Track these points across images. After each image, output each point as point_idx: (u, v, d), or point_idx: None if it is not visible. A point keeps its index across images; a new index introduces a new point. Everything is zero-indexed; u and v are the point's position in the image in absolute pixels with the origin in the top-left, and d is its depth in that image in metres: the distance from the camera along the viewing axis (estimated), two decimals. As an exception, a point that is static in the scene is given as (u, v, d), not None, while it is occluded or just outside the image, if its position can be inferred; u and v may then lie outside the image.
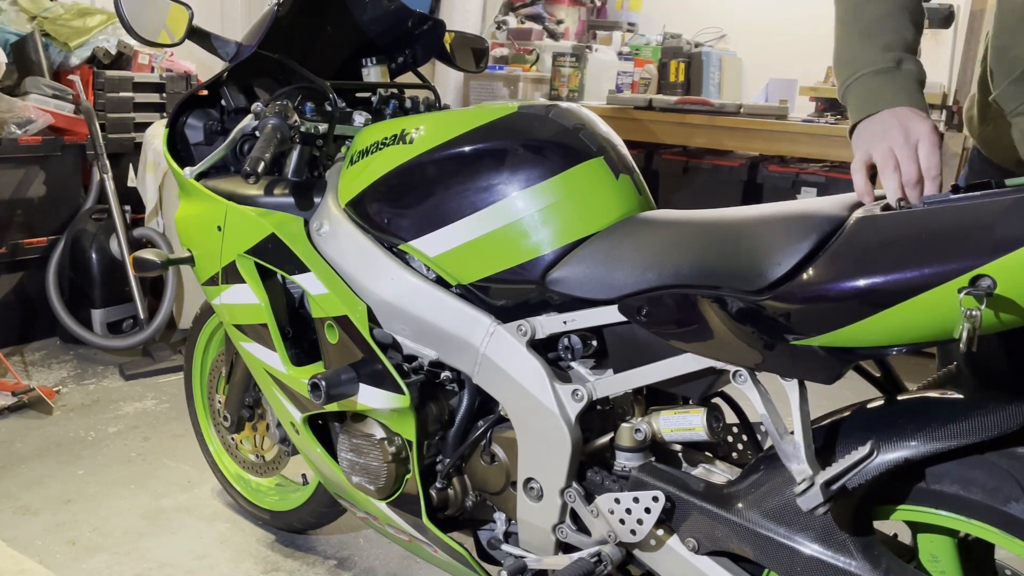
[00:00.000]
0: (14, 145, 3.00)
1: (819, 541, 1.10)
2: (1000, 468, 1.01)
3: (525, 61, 4.49)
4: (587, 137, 1.40)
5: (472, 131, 1.41)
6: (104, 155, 3.16)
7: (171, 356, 3.14)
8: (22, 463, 2.38)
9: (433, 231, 1.43)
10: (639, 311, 1.23)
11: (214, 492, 2.26)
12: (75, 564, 1.94)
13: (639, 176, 1.43)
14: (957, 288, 0.91)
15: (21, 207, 3.11)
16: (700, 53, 4.66)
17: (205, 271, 1.77)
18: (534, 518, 1.37)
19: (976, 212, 0.93)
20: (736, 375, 1.17)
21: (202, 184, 1.76)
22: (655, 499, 1.21)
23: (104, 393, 2.89)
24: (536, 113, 1.42)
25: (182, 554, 1.99)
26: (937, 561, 1.11)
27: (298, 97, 1.71)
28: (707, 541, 1.21)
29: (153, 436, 2.58)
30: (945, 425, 1.02)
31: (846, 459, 1.04)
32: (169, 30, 1.65)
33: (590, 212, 1.35)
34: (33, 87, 3.13)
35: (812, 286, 1.02)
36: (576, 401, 1.31)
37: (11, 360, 3.06)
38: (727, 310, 1.11)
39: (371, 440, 1.51)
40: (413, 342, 1.47)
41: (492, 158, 1.38)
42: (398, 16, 1.86)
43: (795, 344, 1.06)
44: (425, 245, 1.44)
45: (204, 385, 2.19)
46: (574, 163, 1.36)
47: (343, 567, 1.98)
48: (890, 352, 1.03)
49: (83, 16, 3.28)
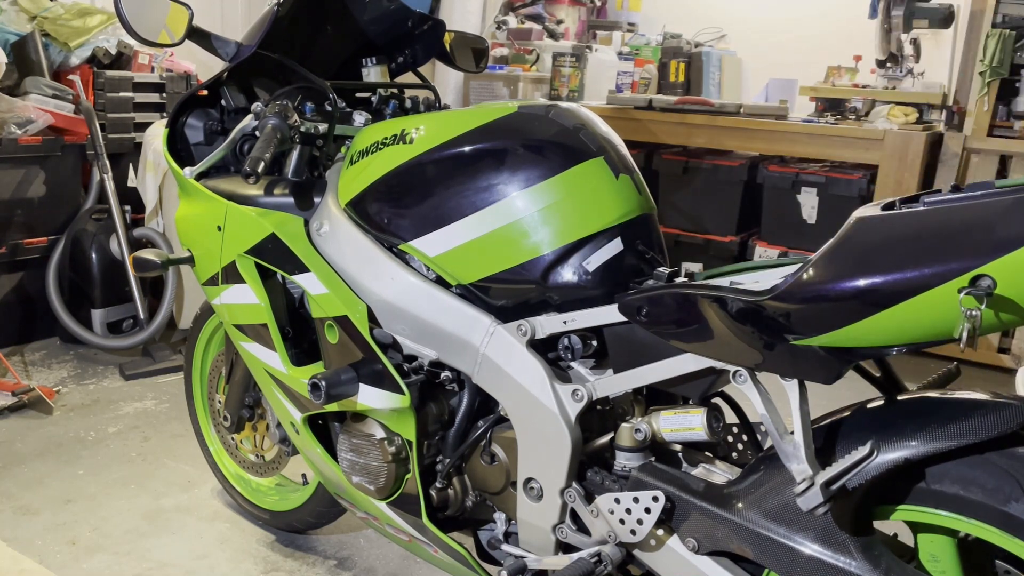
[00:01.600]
0: (14, 145, 3.00)
1: (819, 541, 1.10)
2: (1000, 468, 1.01)
3: (525, 61, 4.49)
4: (587, 137, 1.40)
5: (472, 131, 1.41)
6: (104, 155, 3.16)
7: (171, 356, 3.14)
8: (22, 463, 2.38)
9: (433, 231, 1.43)
10: (639, 311, 1.23)
11: (214, 492, 2.26)
12: (75, 564, 1.94)
13: (639, 176, 1.43)
14: (957, 288, 0.91)
15: (21, 207, 3.11)
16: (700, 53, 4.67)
17: (205, 271, 1.77)
18: (534, 518, 1.37)
19: (976, 212, 0.93)
20: (736, 375, 1.17)
21: (202, 184, 1.75)
22: (655, 499, 1.21)
23: (104, 393, 2.89)
24: (536, 113, 1.42)
25: (182, 554, 1.99)
26: (937, 561, 1.11)
27: (298, 97, 1.71)
28: (707, 541, 1.21)
29: (153, 436, 2.58)
30: (945, 425, 1.02)
31: (846, 459, 1.04)
32: (169, 30, 1.65)
33: (590, 212, 1.35)
34: (33, 87, 3.13)
35: (812, 286, 1.02)
36: (576, 401, 1.31)
37: (11, 360, 3.06)
38: (727, 310, 1.11)
39: (371, 440, 1.51)
40: (413, 342, 1.47)
41: (492, 158, 1.38)
42: (398, 16, 1.86)
43: (795, 344, 1.06)
44: (425, 245, 1.44)
45: (204, 385, 2.19)
46: (574, 163, 1.37)
47: (343, 567, 1.98)
48: (890, 352, 1.02)
49: (83, 16, 3.28)
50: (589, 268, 1.34)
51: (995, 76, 3.36)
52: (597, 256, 1.35)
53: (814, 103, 3.93)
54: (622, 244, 1.36)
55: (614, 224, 1.36)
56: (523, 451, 1.36)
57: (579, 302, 1.34)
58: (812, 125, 3.58)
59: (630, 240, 1.37)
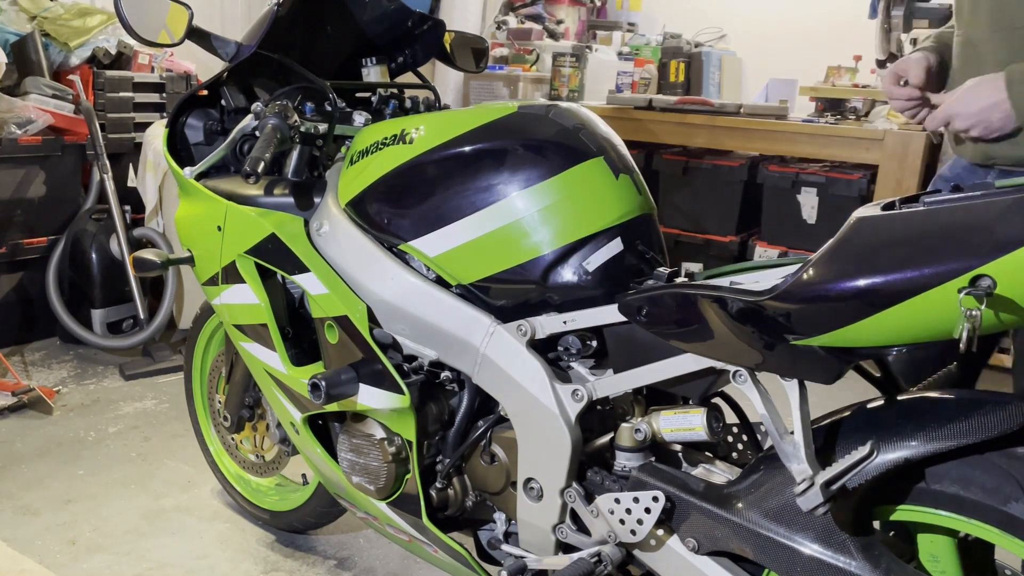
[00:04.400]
0: (14, 145, 3.00)
1: (819, 541, 1.10)
2: (1000, 468, 1.01)
3: (525, 61, 4.49)
4: (587, 137, 1.40)
5: (472, 131, 1.41)
6: (104, 155, 3.16)
7: (171, 356, 3.14)
8: (22, 463, 2.38)
9: (433, 231, 1.43)
10: (639, 311, 1.23)
11: (214, 492, 2.26)
12: (75, 564, 1.94)
13: (639, 176, 1.43)
14: (957, 288, 0.91)
15: (21, 207, 3.11)
16: (700, 53, 4.66)
17: (205, 271, 1.77)
18: (534, 518, 1.37)
19: (976, 212, 0.93)
20: (736, 375, 1.17)
21: (202, 184, 1.75)
22: (655, 499, 1.21)
23: (104, 393, 2.89)
24: (536, 113, 1.42)
25: (182, 554, 1.99)
26: (937, 561, 1.11)
27: (298, 97, 1.71)
28: (707, 541, 1.21)
29: (153, 436, 2.58)
30: (945, 425, 1.02)
31: (846, 459, 1.04)
32: (169, 30, 1.65)
33: (590, 212, 1.35)
34: (33, 87, 3.13)
35: (812, 286, 1.02)
36: (576, 401, 1.31)
37: (11, 360, 3.06)
38: (727, 310, 1.11)
39: (371, 440, 1.51)
40: (413, 342, 1.47)
41: (492, 158, 1.38)
42: (398, 16, 1.86)
43: (795, 344, 1.06)
44: (425, 245, 1.44)
45: (204, 385, 2.19)
46: (574, 163, 1.36)
47: (343, 567, 1.98)
48: (890, 352, 1.02)
49: (83, 16, 3.28)
50: (589, 268, 1.34)
51: (995, 76, 3.35)
52: (597, 256, 1.35)
53: (814, 103, 3.93)
54: (622, 244, 1.36)
55: (614, 224, 1.36)
56: (523, 451, 1.36)
57: (579, 302, 1.34)
58: (812, 125, 3.58)
59: (630, 240, 1.37)
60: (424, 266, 1.47)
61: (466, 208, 1.39)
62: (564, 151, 1.37)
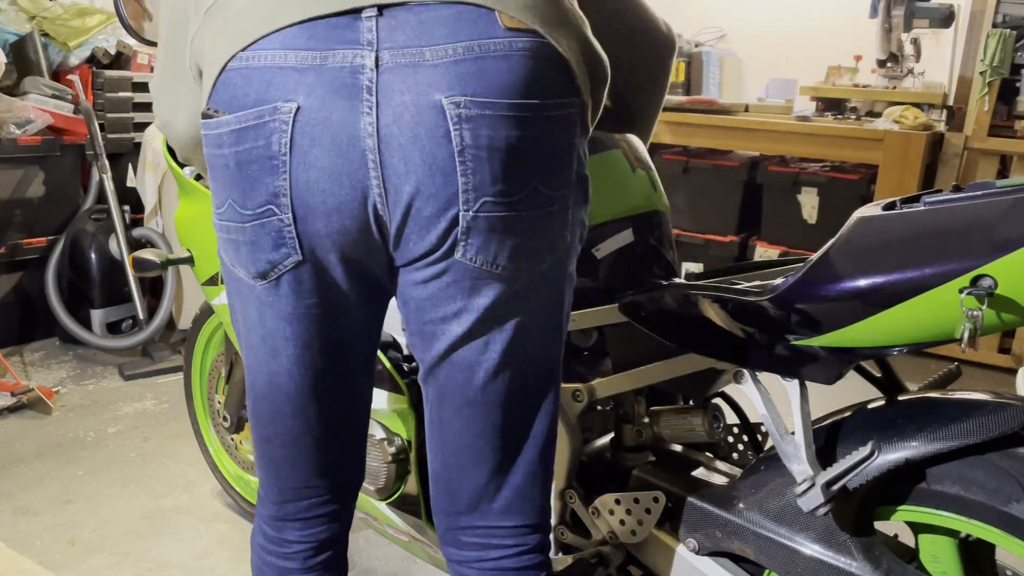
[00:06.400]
0: (13, 145, 3.00)
1: (820, 542, 1.10)
2: (1001, 468, 1.01)
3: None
4: (605, 134, 1.40)
5: None
6: (103, 155, 3.15)
7: (170, 356, 3.14)
8: (22, 463, 2.37)
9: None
10: (639, 311, 1.23)
11: (214, 492, 2.26)
12: (75, 564, 1.93)
13: (655, 174, 1.44)
14: (958, 288, 0.91)
15: (21, 207, 3.11)
16: (700, 53, 4.66)
17: (205, 271, 1.76)
18: (534, 518, 1.37)
19: (977, 212, 0.93)
20: (737, 375, 1.16)
21: (201, 184, 1.75)
22: (655, 499, 1.21)
23: (103, 393, 2.89)
24: None
25: (182, 554, 1.99)
26: (938, 562, 1.11)
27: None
28: (707, 541, 1.20)
29: (153, 436, 2.58)
30: (945, 425, 1.02)
31: (847, 459, 1.04)
32: (168, 30, 1.64)
33: (607, 199, 1.35)
34: (32, 87, 3.13)
35: (812, 286, 1.02)
36: (576, 401, 1.30)
37: (10, 360, 3.05)
38: (727, 310, 1.11)
39: (371, 440, 1.51)
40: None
41: None
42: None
43: (796, 344, 1.06)
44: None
45: (204, 385, 2.19)
46: (592, 152, 1.36)
47: (343, 567, 1.97)
48: (891, 352, 1.02)
49: (82, 16, 3.28)
50: (598, 256, 1.33)
51: (995, 76, 3.36)
52: (607, 244, 1.34)
53: (814, 103, 3.93)
54: (632, 236, 1.36)
55: (627, 215, 1.35)
56: (523, 451, 1.36)
57: (583, 293, 1.34)
58: (812, 125, 3.58)
59: (641, 233, 1.36)
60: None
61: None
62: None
